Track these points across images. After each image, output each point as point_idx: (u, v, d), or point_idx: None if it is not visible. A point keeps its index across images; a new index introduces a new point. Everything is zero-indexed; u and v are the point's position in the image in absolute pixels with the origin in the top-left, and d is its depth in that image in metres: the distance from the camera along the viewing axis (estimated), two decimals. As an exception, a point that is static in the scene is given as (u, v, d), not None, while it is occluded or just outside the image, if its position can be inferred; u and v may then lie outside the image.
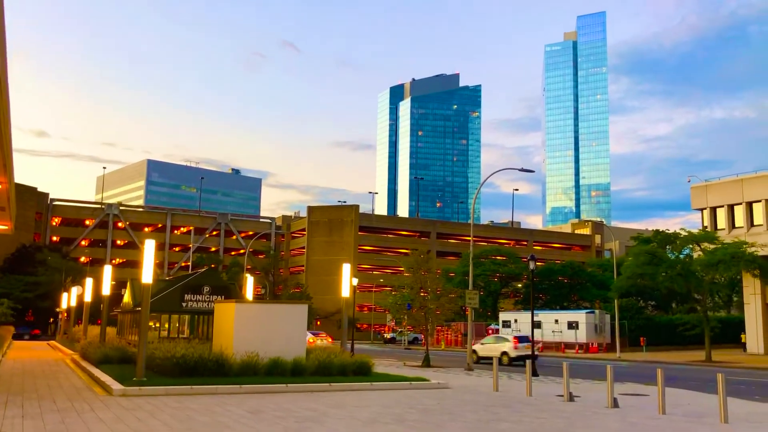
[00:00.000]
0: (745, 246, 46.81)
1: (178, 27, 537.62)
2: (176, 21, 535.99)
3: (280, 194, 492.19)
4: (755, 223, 53.89)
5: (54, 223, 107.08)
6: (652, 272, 49.83)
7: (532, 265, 33.51)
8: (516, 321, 64.51)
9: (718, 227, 55.85)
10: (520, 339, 40.61)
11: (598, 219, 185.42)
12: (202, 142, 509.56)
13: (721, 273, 50.98)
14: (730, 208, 55.97)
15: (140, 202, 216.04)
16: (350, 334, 45.09)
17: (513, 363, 38.79)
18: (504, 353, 39.24)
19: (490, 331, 69.23)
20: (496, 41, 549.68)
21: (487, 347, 41.51)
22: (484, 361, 39.71)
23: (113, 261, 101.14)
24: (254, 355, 20.45)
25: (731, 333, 62.29)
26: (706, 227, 55.91)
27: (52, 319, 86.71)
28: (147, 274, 19.86)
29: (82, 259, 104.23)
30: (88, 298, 43.87)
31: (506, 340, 41.07)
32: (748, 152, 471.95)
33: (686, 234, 50.52)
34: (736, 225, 55.25)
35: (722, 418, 14.54)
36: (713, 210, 57.33)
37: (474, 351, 39.94)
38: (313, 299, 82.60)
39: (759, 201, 53.46)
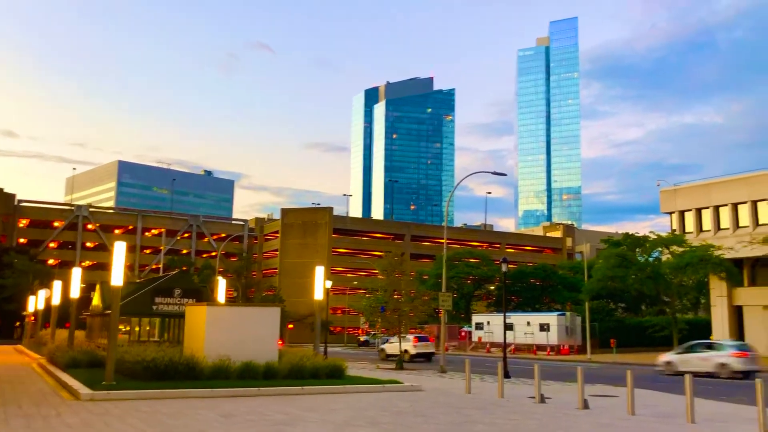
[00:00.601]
0: (712, 249, 47.74)
1: (150, 26, 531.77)
2: (149, 20, 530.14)
3: (254, 196, 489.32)
4: (722, 227, 54.93)
5: (21, 225, 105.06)
6: (622, 275, 50.60)
7: (504, 268, 33.76)
8: (489, 323, 64.92)
9: (687, 231, 56.82)
10: (420, 338, 47.82)
11: (570, 222, 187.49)
12: (174, 144, 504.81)
13: (689, 276, 52.01)
14: (698, 212, 56.98)
15: (111, 203, 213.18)
16: (323, 337, 44.98)
17: (413, 359, 45.42)
18: (405, 351, 44.42)
19: (463, 333, 69.62)
20: (470, 45, 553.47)
21: (392, 346, 46.52)
22: (391, 358, 45.32)
23: (82, 263, 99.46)
24: (226, 358, 20.28)
25: (699, 334, 63.21)
26: (674, 231, 56.85)
27: (18, 323, 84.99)
28: (117, 277, 19.59)
29: (51, 261, 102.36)
30: (56, 301, 43.04)
31: (408, 340, 46.32)
32: (716, 157, 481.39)
33: (655, 237, 51.37)
34: (704, 228, 56.25)
35: (689, 419, 14.80)
36: (682, 214, 58.30)
37: (382, 349, 48.44)
38: (287, 302, 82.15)
39: (725, 205, 54.51)
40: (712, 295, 57.36)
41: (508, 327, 56.50)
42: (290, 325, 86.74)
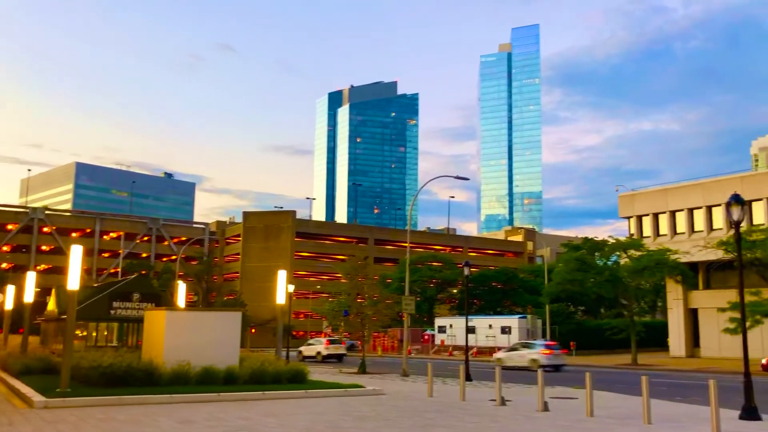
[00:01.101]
0: (668, 253, 48.79)
1: (112, 26, 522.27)
2: (111, 19, 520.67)
3: (216, 199, 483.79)
4: (678, 231, 56.23)
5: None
6: (581, 278, 51.36)
7: (466, 271, 34.01)
8: (451, 326, 65.26)
9: (644, 235, 58.01)
10: (331, 341, 52.75)
11: (531, 226, 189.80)
12: (134, 145, 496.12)
13: (646, 279, 53.09)
14: (655, 217, 58.24)
15: (68, 206, 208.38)
16: (286, 342, 44.71)
17: (324, 360, 49.63)
18: (318, 352, 49.89)
19: (426, 337, 69.84)
20: (434, 51, 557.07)
21: (309, 348, 52.39)
22: (308, 360, 48.48)
23: (37, 267, 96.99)
24: (186, 363, 19.96)
25: (656, 337, 64.71)
26: (632, 235, 57.97)
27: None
28: (73, 281, 19.14)
29: (4, 265, 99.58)
30: (9, 305, 41.90)
31: (321, 342, 51.86)
32: (672, 163, 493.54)
33: (614, 241, 52.29)
34: (661, 233, 57.51)
35: (646, 420, 15.09)
36: (639, 218, 59.51)
37: (300, 351, 52.33)
38: (248, 306, 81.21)
39: (681, 210, 55.84)
40: (668, 298, 58.64)
41: (471, 330, 56.88)
42: (252, 330, 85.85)
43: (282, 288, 27.37)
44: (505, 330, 60.00)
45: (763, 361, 36.06)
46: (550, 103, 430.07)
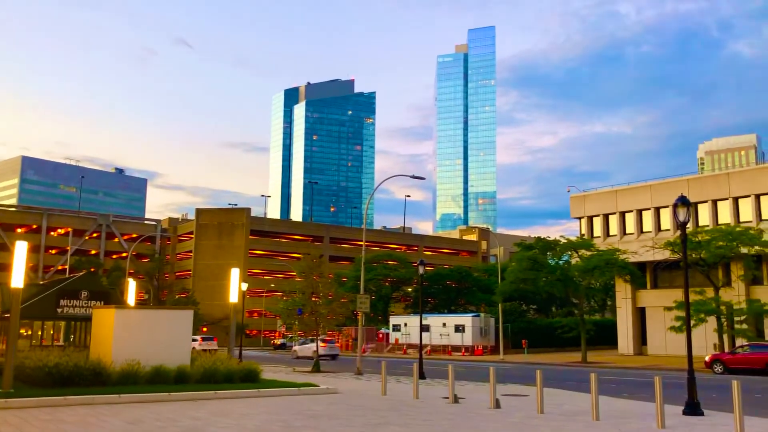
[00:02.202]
0: (618, 253, 49.93)
1: (64, 15, 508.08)
2: (62, 8, 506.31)
3: (169, 196, 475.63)
4: (627, 232, 57.59)
5: None
6: (533, 277, 52.16)
7: (421, 270, 34.19)
8: (406, 325, 65.51)
9: (595, 235, 59.23)
10: (204, 338, 57.43)
11: (485, 226, 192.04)
12: (84, 140, 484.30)
13: (596, 278, 54.28)
14: (605, 218, 59.53)
15: (13, 201, 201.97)
16: (238, 341, 44.21)
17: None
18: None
19: (381, 335, 69.97)
20: (392, 50, 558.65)
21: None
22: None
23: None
24: (135, 363, 19.59)
25: (605, 335, 66.15)
26: (583, 235, 59.10)
27: None
28: (17, 278, 18.57)
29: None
30: (-51, 304, 40.35)
31: (195, 339, 53.07)
32: (623, 165, 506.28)
33: (565, 241, 53.26)
34: (611, 233, 58.81)
35: (594, 416, 15.43)
36: (590, 219, 60.73)
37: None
38: (201, 305, 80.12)
39: (631, 211, 57.20)
40: (617, 297, 60.01)
41: (425, 328, 57.26)
42: (204, 329, 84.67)
43: (235, 286, 27.09)
44: (459, 328, 60.53)
45: (707, 359, 37.23)
46: (506, 105, 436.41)
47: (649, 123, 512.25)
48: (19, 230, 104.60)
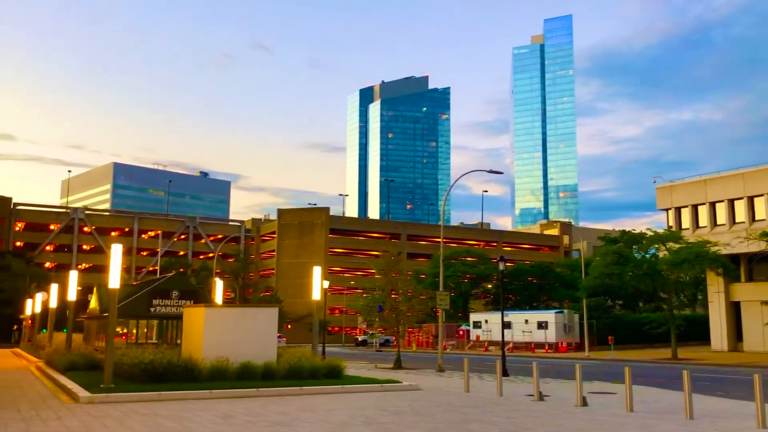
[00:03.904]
0: (708, 245, 47.76)
1: (147, 27, 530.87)
2: (145, 21, 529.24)
3: (251, 197, 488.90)
4: (718, 223, 55.04)
5: (17, 228, 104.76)
6: (619, 272, 50.57)
7: (501, 266, 33.75)
8: (486, 321, 64.93)
9: (683, 227, 56.90)
10: None
11: (567, 220, 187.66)
12: (171, 145, 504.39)
13: (685, 272, 52.02)
14: (694, 208, 57.08)
15: (107, 206, 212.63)
16: (321, 337, 44.95)
17: None
18: None
19: (461, 332, 69.63)
20: (465, 44, 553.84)
21: None
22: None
23: (79, 266, 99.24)
24: (224, 359, 20.23)
25: (696, 331, 63.50)
26: (671, 227, 56.92)
27: (16, 327, 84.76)
28: (114, 279, 19.52)
29: (47, 264, 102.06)
30: (53, 304, 42.94)
31: None
32: (713, 153, 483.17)
33: (652, 234, 51.36)
34: (700, 225, 56.35)
35: (687, 414, 14.82)
36: (678, 210, 58.39)
37: None
38: (284, 302, 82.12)
39: (722, 201, 54.63)
40: (709, 291, 57.47)
41: (506, 325, 56.54)
42: (288, 326, 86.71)
43: (317, 284, 27.53)
44: (542, 325, 59.50)
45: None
46: (587, 95, 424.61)
47: (740, 108, 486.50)
48: (112, 233, 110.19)
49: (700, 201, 56.39)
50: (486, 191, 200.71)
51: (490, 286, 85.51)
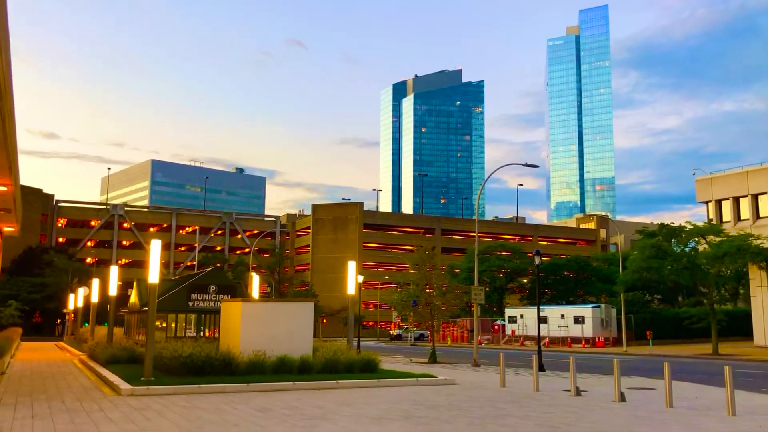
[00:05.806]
0: (750, 238, 46.62)
1: (185, 26, 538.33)
2: (183, 20, 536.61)
3: (287, 193, 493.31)
4: (761, 215, 53.70)
5: (60, 225, 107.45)
6: (657, 266, 49.67)
7: (537, 260, 33.44)
8: (522, 316, 64.47)
9: (724, 220, 55.67)
10: None
11: (604, 213, 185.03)
12: (208, 142, 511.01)
13: (726, 266, 50.78)
14: (736, 201, 55.79)
15: (145, 202, 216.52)
16: (356, 332, 45.19)
17: None
18: None
19: (497, 327, 69.27)
20: (499, 36, 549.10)
21: None
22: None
23: (119, 261, 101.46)
24: (261, 353, 20.47)
25: (738, 326, 62.11)
26: (711, 220, 55.74)
27: (59, 320, 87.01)
28: (153, 274, 19.90)
29: (88, 260, 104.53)
30: (94, 298, 43.99)
31: None
32: (756, 144, 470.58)
33: (691, 227, 50.33)
34: (742, 217, 55.06)
35: (729, 411, 14.52)
36: (718, 203, 57.14)
37: None
38: (319, 297, 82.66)
39: (765, 193, 53.28)
40: (751, 286, 56.17)
41: (542, 320, 56.06)
42: (323, 320, 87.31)
43: (352, 278, 27.65)
44: (579, 320, 58.87)
45: None
46: (624, 86, 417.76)
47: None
48: (151, 229, 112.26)
49: (742, 193, 55.05)
50: (521, 185, 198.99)
51: (525, 280, 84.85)
